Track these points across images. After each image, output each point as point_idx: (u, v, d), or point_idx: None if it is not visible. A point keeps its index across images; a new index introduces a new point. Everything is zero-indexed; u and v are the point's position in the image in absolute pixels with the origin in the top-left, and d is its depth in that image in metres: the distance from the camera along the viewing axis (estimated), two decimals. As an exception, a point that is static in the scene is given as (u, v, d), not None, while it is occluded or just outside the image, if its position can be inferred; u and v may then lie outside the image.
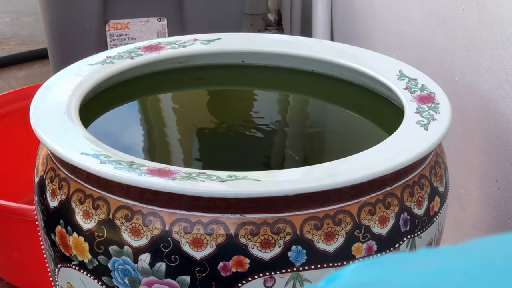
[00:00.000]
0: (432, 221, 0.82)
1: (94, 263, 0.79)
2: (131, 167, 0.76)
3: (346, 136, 1.03)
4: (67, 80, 0.93)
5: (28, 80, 2.04)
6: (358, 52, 1.00)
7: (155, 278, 0.76)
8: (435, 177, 0.83)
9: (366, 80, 0.96)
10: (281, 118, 1.09)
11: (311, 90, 1.04)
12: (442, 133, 0.82)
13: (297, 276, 0.76)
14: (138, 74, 0.99)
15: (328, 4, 1.65)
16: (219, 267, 0.75)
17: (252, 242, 0.74)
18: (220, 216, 0.75)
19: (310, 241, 0.75)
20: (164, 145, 1.04)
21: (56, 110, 0.86)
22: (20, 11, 2.46)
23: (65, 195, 0.81)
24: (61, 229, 0.81)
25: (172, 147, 1.04)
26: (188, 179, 0.74)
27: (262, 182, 0.75)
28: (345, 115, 1.02)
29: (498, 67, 0.94)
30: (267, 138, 1.07)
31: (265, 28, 2.28)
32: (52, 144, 0.80)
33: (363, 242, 0.77)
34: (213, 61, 1.02)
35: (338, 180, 0.75)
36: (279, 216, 0.75)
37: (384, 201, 0.78)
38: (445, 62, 1.07)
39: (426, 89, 0.90)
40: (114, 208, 0.77)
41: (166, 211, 0.76)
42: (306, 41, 1.08)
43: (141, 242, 0.76)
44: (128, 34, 1.59)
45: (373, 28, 1.41)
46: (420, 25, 1.16)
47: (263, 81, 1.05)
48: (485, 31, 0.96)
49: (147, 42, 1.02)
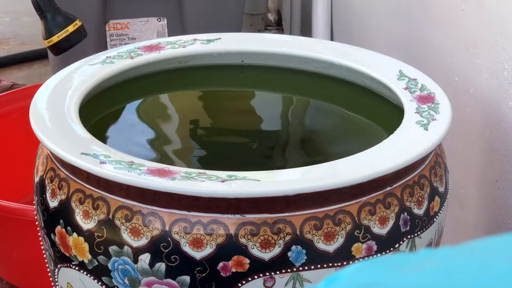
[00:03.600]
0: (432, 221, 0.82)
1: (94, 263, 0.79)
2: (131, 167, 0.76)
3: (346, 136, 1.03)
4: (67, 80, 0.93)
5: (28, 80, 2.04)
6: (358, 52, 1.00)
7: (155, 278, 0.76)
8: (435, 177, 0.83)
9: (366, 80, 0.96)
10: (281, 118, 1.09)
11: (311, 90, 1.03)
12: (442, 133, 0.82)
13: (297, 276, 0.76)
14: (138, 74, 0.99)
15: (328, 4, 1.65)
16: (219, 267, 0.75)
17: (252, 242, 0.74)
18: (220, 216, 0.75)
19: (310, 241, 0.75)
20: (164, 145, 1.04)
21: (56, 110, 0.86)
22: (20, 11, 2.46)
23: (65, 195, 0.81)
24: (61, 229, 0.81)
25: (172, 147, 1.04)
26: (188, 179, 0.74)
27: (262, 182, 0.75)
28: (345, 115, 1.02)
29: (498, 67, 0.94)
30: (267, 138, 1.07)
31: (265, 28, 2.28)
32: (52, 144, 0.80)
33: (363, 242, 0.77)
34: (213, 61, 1.02)
35: (338, 180, 0.75)
36: (279, 216, 0.75)
37: (384, 201, 0.78)
38: (445, 62, 1.07)
39: (426, 89, 0.90)
40: (114, 208, 0.77)
41: (166, 211, 0.76)
42: (306, 41, 1.08)
43: (141, 242, 0.76)
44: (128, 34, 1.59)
45: (373, 28, 1.41)
46: (420, 25, 1.16)
47: (263, 81, 1.05)
48: (485, 31, 0.96)
49: (147, 42, 1.02)
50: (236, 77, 1.05)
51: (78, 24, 1.18)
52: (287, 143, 1.09)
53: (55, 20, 1.18)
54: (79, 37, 0.99)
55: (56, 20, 1.18)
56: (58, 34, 1.16)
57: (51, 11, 1.18)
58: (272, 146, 1.07)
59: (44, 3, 1.17)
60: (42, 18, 1.19)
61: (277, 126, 1.09)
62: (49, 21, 1.18)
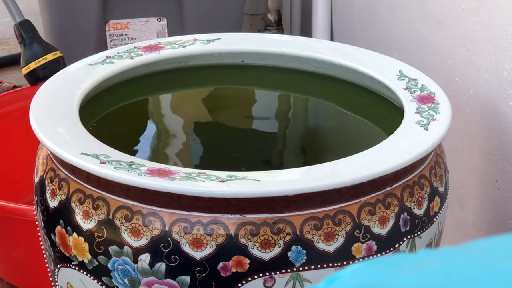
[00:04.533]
0: (432, 221, 0.82)
1: (94, 263, 0.79)
2: (131, 167, 0.76)
3: (346, 136, 1.03)
4: (67, 80, 0.93)
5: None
6: (358, 52, 1.00)
7: (155, 278, 0.76)
8: (435, 177, 0.83)
9: (366, 80, 0.96)
10: (281, 118, 1.09)
11: (311, 90, 1.04)
12: (442, 133, 0.82)
13: (297, 276, 0.76)
14: (138, 74, 0.99)
15: (328, 4, 1.65)
16: (219, 267, 0.75)
17: (252, 242, 0.74)
18: (220, 216, 0.75)
19: (310, 241, 0.75)
20: (164, 145, 1.04)
21: (56, 110, 0.86)
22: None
23: (65, 195, 0.81)
24: (61, 229, 0.81)
25: (172, 147, 1.04)
26: (188, 179, 0.74)
27: (262, 182, 0.75)
28: (345, 115, 1.02)
29: (498, 67, 0.94)
30: (267, 138, 1.07)
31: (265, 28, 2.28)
32: (52, 144, 0.80)
33: (363, 242, 0.77)
34: (213, 61, 1.02)
35: (338, 180, 0.75)
36: (279, 216, 0.75)
37: (384, 201, 0.78)
38: (445, 62, 1.07)
39: (426, 89, 0.90)
40: (114, 208, 0.77)
41: (166, 211, 0.76)
42: (306, 41, 1.08)
43: (141, 242, 0.76)
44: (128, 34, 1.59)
45: (373, 28, 1.41)
46: (420, 25, 1.16)
47: (263, 81, 1.05)
48: (485, 31, 0.96)
49: (147, 42, 1.02)
50: (236, 77, 1.05)
51: (58, 54, 1.18)
52: (287, 143, 1.09)
53: (35, 48, 1.18)
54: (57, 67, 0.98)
55: (36, 48, 1.18)
56: (36, 61, 1.16)
57: (32, 39, 1.17)
58: (272, 146, 1.07)
59: (25, 31, 1.17)
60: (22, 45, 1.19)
61: (277, 126, 1.09)
62: (29, 48, 1.17)
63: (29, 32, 1.17)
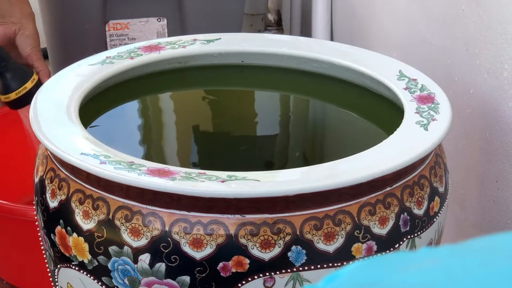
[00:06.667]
0: (432, 221, 0.82)
1: (94, 263, 0.79)
2: (131, 167, 0.76)
3: (346, 136, 1.03)
4: (67, 80, 0.93)
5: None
6: (358, 52, 1.00)
7: (155, 279, 0.76)
8: (435, 177, 0.83)
9: (366, 80, 0.96)
10: (281, 118, 1.09)
11: (311, 90, 1.03)
12: (442, 133, 0.82)
13: (297, 277, 0.76)
14: (138, 74, 0.99)
15: (328, 4, 1.65)
16: (219, 267, 0.75)
17: (252, 242, 0.74)
18: (220, 216, 0.75)
19: (310, 242, 0.75)
20: (164, 145, 1.04)
21: (56, 110, 0.86)
22: (20, 11, 2.45)
23: (65, 195, 0.81)
24: (61, 230, 0.81)
25: (172, 147, 1.04)
26: (188, 180, 0.74)
27: (262, 182, 0.75)
28: (345, 115, 1.02)
29: (498, 67, 0.94)
30: (267, 138, 1.07)
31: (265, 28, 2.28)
32: (52, 144, 0.80)
33: (363, 243, 0.77)
34: (213, 61, 1.02)
35: (338, 180, 0.75)
36: (279, 216, 0.75)
37: (384, 201, 0.78)
38: (445, 62, 1.07)
39: (426, 89, 0.90)
40: (114, 208, 0.77)
41: (166, 211, 0.76)
42: (306, 41, 1.08)
43: (141, 243, 0.76)
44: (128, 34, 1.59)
45: (373, 28, 1.41)
46: (420, 25, 1.16)
47: (262, 81, 1.05)
48: (485, 31, 0.96)
49: (147, 42, 1.02)
50: (236, 77, 1.05)
51: (35, 79, 1.17)
52: (287, 143, 1.09)
53: (13, 76, 1.17)
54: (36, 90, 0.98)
55: (13, 76, 1.17)
56: (16, 91, 1.16)
57: (8, 66, 1.17)
58: (272, 146, 1.07)
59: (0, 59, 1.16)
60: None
61: (277, 126, 1.09)
62: (6, 77, 1.17)
63: (4, 60, 1.16)
